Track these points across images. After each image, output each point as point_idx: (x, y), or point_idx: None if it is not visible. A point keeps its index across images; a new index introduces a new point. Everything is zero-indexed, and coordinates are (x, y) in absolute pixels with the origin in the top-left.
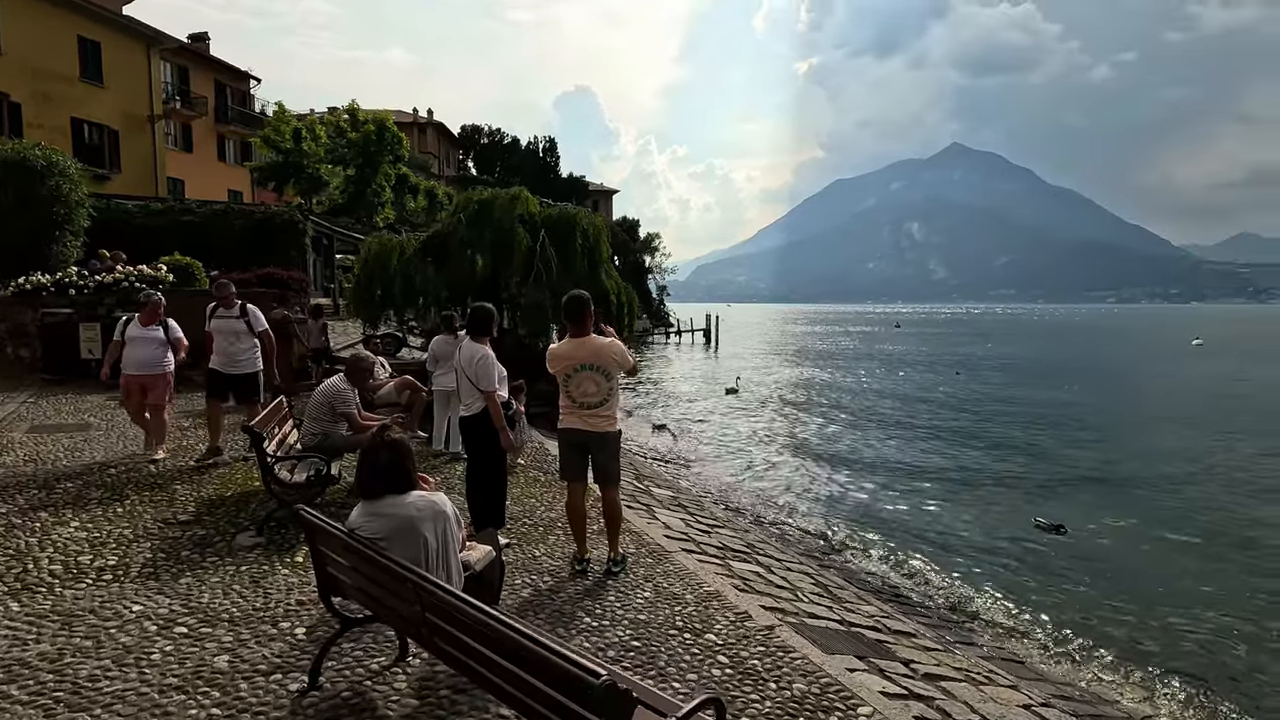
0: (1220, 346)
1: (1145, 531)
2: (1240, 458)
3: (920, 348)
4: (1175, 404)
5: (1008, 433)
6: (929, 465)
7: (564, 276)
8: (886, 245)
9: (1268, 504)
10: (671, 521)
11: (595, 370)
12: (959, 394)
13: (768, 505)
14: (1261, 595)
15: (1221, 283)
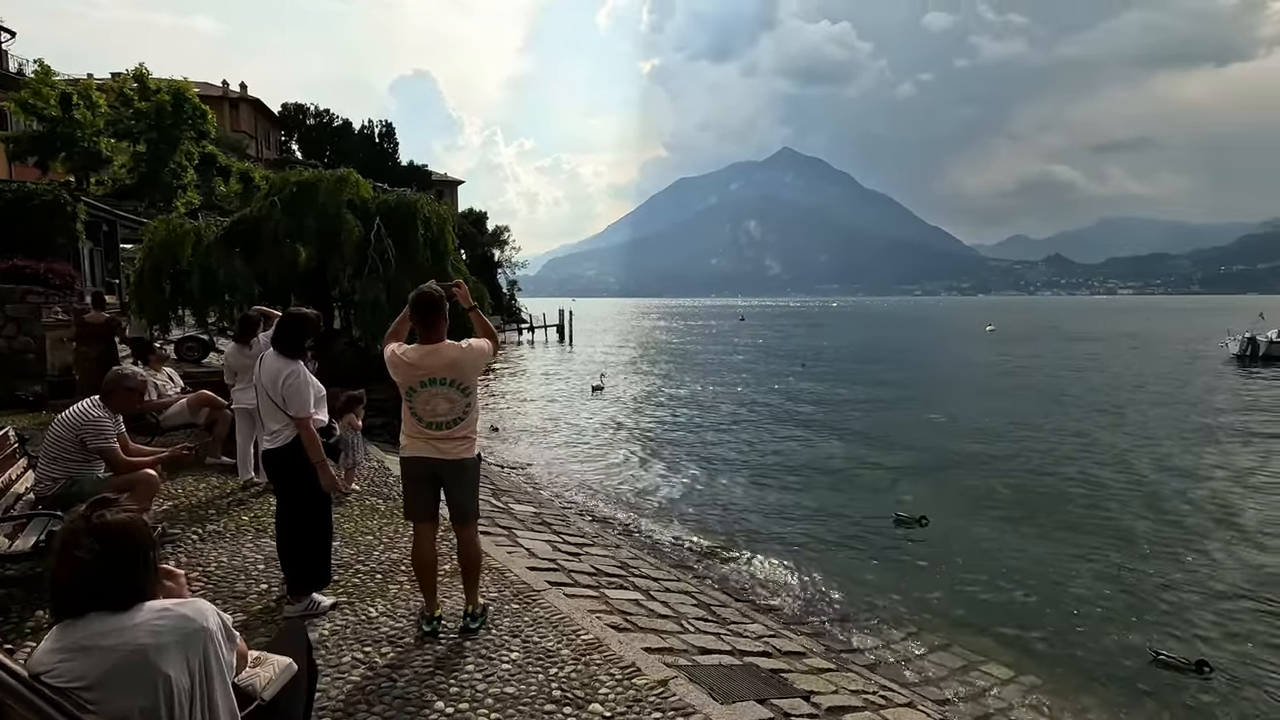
0: (1007, 332)
1: (993, 512)
2: (1050, 431)
3: (765, 340)
4: (987, 384)
5: (855, 422)
6: (791, 458)
7: (404, 269)
8: (727, 242)
9: (1087, 474)
10: (537, 546)
11: (449, 385)
12: (807, 385)
13: (636, 512)
14: (1098, 565)
15: (1001, 277)
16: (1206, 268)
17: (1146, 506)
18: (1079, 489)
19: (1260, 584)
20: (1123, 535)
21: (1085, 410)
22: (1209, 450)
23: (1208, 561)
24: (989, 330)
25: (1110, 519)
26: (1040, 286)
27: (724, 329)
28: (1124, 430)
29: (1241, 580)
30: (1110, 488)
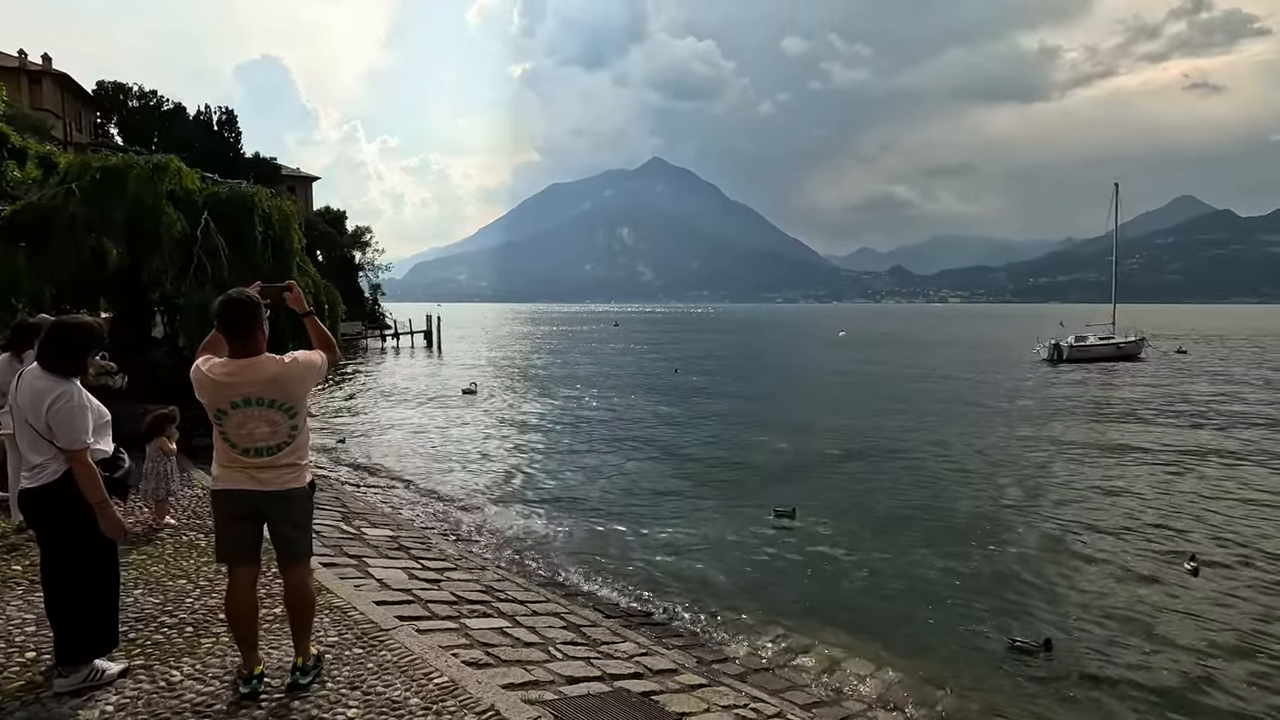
0: (857, 337)
1: (856, 507)
2: (900, 428)
3: (639, 345)
4: (842, 385)
5: (726, 423)
6: (666, 462)
7: (239, 270)
8: (601, 248)
9: (936, 468)
10: (391, 575)
11: (270, 406)
12: (679, 388)
13: (506, 528)
14: (956, 556)
15: (851, 286)
16: (1019, 279)
17: (989, 496)
18: (930, 481)
19: (1090, 559)
20: (971, 523)
21: (929, 408)
22: (1034, 441)
23: (1046, 542)
24: (841, 335)
25: (959, 509)
26: (885, 295)
27: (599, 334)
28: (963, 426)
29: (1075, 557)
30: (955, 479)
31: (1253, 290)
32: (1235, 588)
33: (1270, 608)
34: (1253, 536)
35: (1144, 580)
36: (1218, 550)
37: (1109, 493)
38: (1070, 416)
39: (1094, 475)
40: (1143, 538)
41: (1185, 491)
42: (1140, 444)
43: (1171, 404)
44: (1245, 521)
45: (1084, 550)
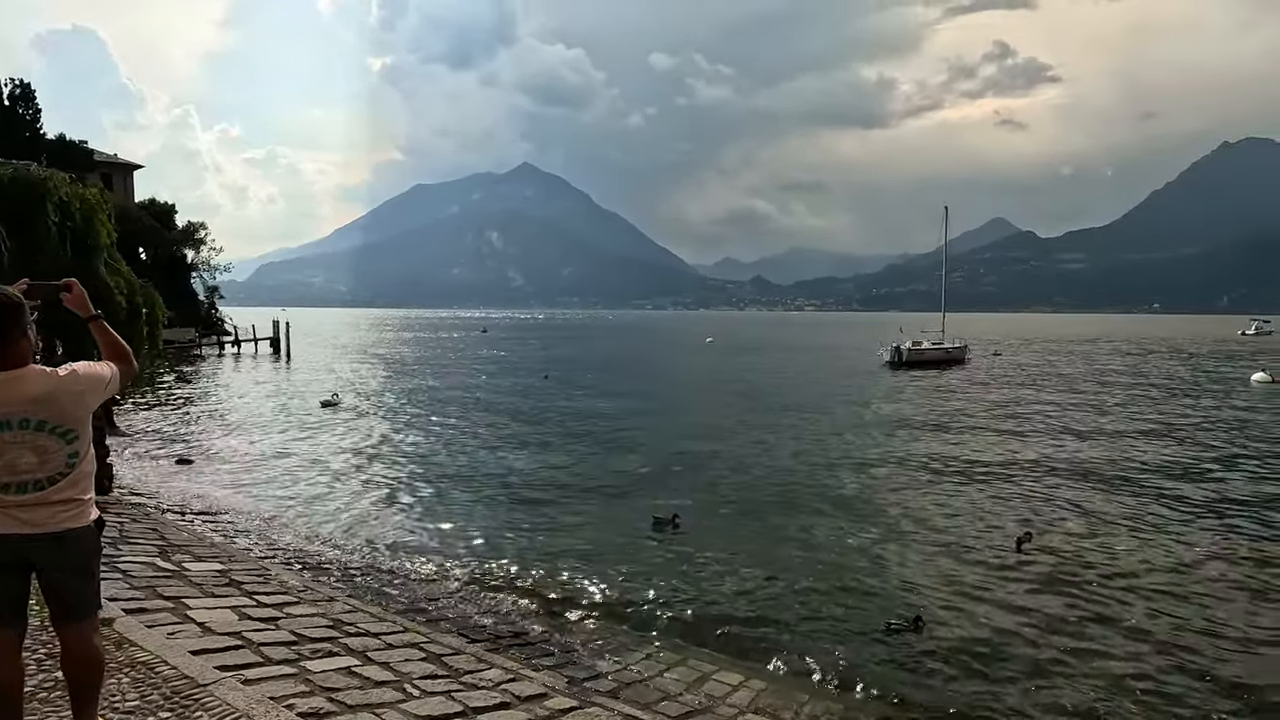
0: (723, 344)
1: (732, 509)
2: (766, 431)
3: (508, 351)
4: (711, 390)
5: (599, 430)
6: (538, 471)
7: (27, 265)
8: (470, 252)
9: (801, 467)
10: (216, 617)
11: (38, 429)
12: (550, 395)
13: (360, 552)
14: (834, 554)
15: (717, 294)
16: (864, 290)
17: (849, 492)
18: (794, 481)
19: (937, 542)
20: (834, 519)
21: (791, 411)
22: (883, 440)
23: (899, 530)
24: (708, 342)
25: (824, 507)
26: (748, 303)
27: (466, 340)
28: (822, 428)
29: (925, 541)
30: (818, 478)
31: (1049, 300)
32: (1055, 561)
33: (1088, 577)
34: (1065, 514)
35: (983, 556)
36: (1038, 525)
37: (947, 483)
38: (911, 416)
39: (934, 467)
40: (977, 519)
41: (1008, 476)
42: (967, 437)
43: (991, 400)
44: (1059, 500)
45: (931, 534)
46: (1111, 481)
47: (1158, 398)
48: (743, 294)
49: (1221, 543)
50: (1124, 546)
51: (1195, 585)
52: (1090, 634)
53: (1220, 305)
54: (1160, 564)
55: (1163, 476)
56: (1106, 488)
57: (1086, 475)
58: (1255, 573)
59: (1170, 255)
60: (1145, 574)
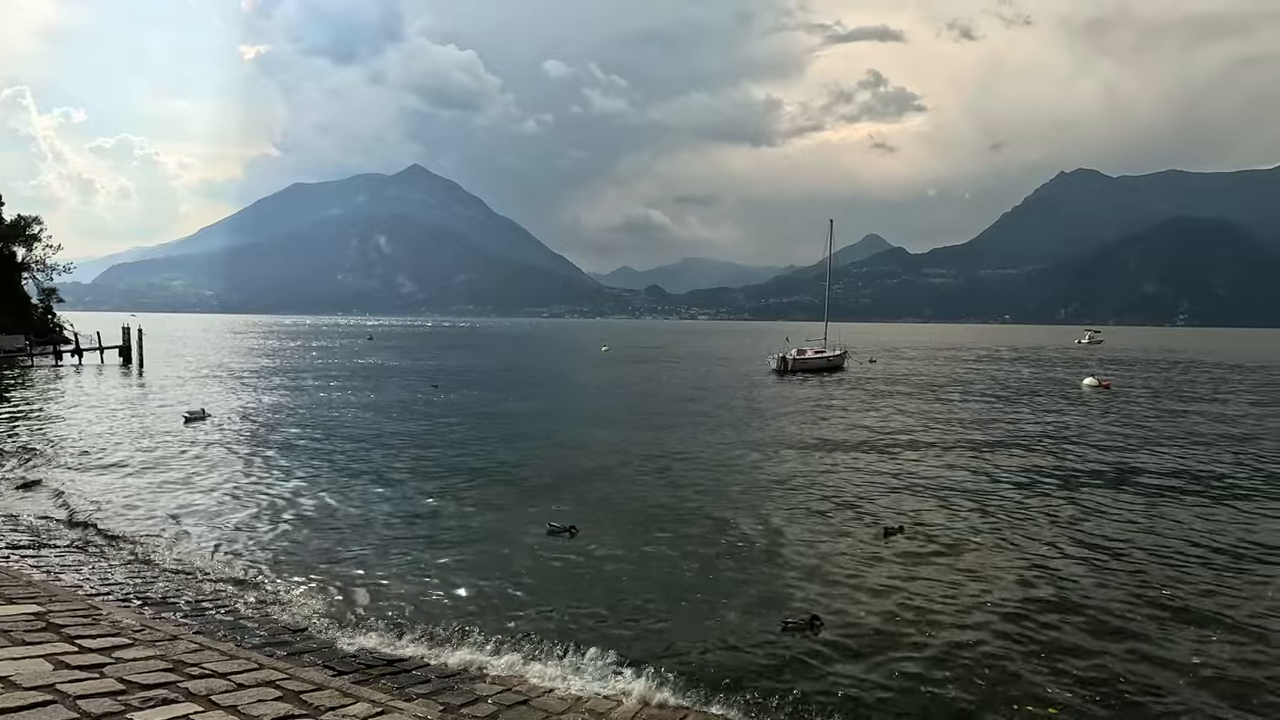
0: (619, 352)
1: (630, 517)
2: (661, 437)
3: (395, 361)
4: (607, 398)
5: (491, 441)
6: (422, 487)
7: None
8: (355, 257)
9: (696, 472)
10: (23, 669)
11: None
12: (440, 406)
13: (216, 579)
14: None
15: (614, 303)
16: (754, 299)
17: (741, 495)
18: (689, 486)
19: (822, 538)
20: (728, 522)
21: (685, 418)
22: (771, 443)
23: (788, 529)
24: (605, 350)
25: (717, 510)
26: (644, 312)
27: (351, 349)
28: (713, 434)
29: (812, 538)
30: (710, 483)
31: (917, 312)
32: (928, 551)
33: (957, 565)
34: (933, 505)
35: (868, 551)
36: (908, 519)
37: (828, 482)
38: (794, 421)
39: (817, 469)
40: (854, 514)
41: (883, 474)
42: (844, 439)
43: (866, 405)
44: (927, 492)
45: (817, 533)
46: (970, 473)
47: (1008, 399)
48: (639, 303)
49: (1065, 524)
50: (986, 534)
51: (1047, 567)
52: (968, 621)
53: (1059, 317)
54: (1018, 549)
55: (1013, 469)
56: (966, 479)
57: (950, 469)
58: (1091, 552)
59: (1019, 272)
60: (1005, 562)
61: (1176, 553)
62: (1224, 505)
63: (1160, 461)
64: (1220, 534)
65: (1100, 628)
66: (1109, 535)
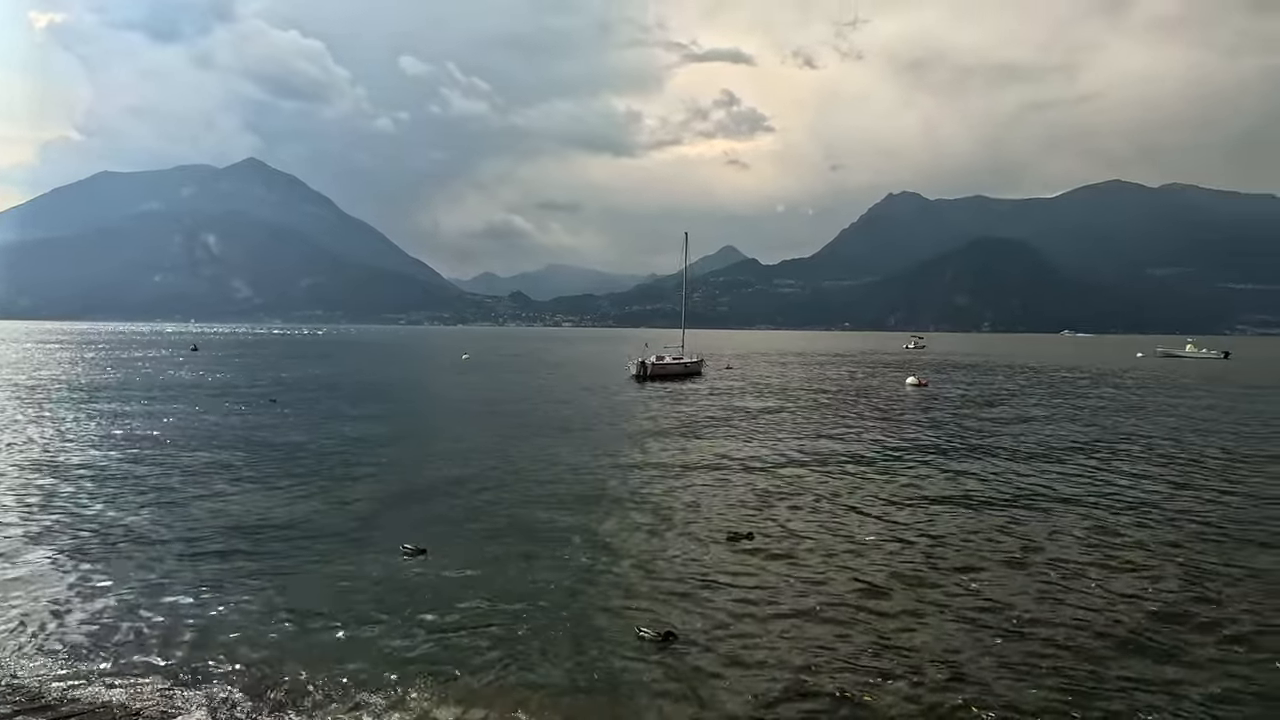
0: (481, 359)
1: (484, 535)
2: (519, 448)
3: (226, 373)
4: (465, 409)
5: (340, 457)
6: (260, 514)
7: None
8: (179, 256)
9: (554, 486)
10: None
11: None
12: (279, 424)
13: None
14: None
15: (476, 309)
16: (618, 306)
17: (597, 506)
18: (548, 499)
19: (675, 546)
20: (585, 535)
21: (546, 427)
22: (628, 451)
23: (655, 537)
24: (465, 358)
25: (574, 523)
26: (507, 318)
27: (172, 360)
28: (573, 444)
29: (680, 545)
30: (569, 495)
31: (770, 320)
32: (774, 553)
33: (800, 565)
34: (780, 507)
35: (714, 556)
36: (767, 525)
37: (683, 490)
38: (652, 428)
39: (672, 476)
40: (706, 521)
41: (736, 478)
42: (700, 444)
43: (722, 409)
44: (775, 494)
45: (670, 540)
46: (813, 470)
47: (847, 398)
48: (502, 309)
49: (897, 511)
50: (828, 533)
51: (894, 563)
52: (816, 630)
53: (889, 324)
54: (859, 544)
55: (850, 464)
56: (810, 478)
57: (797, 468)
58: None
59: (855, 283)
60: (851, 560)
61: (973, 515)
62: (1023, 482)
63: (965, 444)
64: (1019, 527)
65: (921, 610)
66: (934, 521)
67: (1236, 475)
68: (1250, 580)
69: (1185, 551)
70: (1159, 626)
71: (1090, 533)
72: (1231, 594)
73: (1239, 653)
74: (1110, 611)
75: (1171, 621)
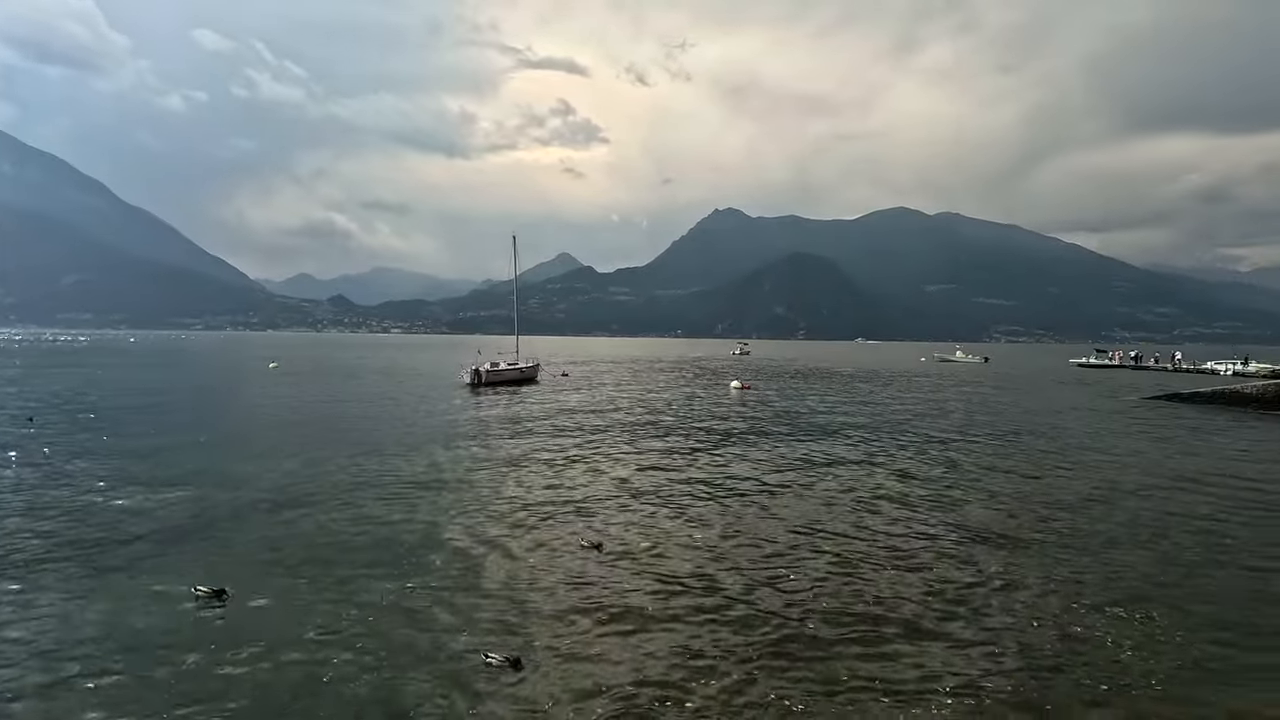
0: (293, 367)
1: (296, 563)
2: (341, 466)
3: None
4: (270, 425)
5: (106, 489)
6: (13, 540)
7: None
8: None
9: (375, 507)
10: None
11: None
12: (34, 448)
13: None
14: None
15: (290, 314)
16: (451, 312)
17: (431, 523)
18: (372, 520)
19: (523, 559)
20: (416, 556)
21: (368, 441)
22: (460, 463)
23: (496, 551)
24: (273, 367)
25: (402, 543)
26: (327, 324)
27: None
28: (401, 457)
29: (524, 559)
30: (397, 514)
31: (606, 327)
32: (628, 561)
33: (649, 571)
34: (624, 513)
35: (561, 569)
36: (611, 531)
37: (521, 500)
38: (486, 437)
39: (509, 488)
40: (550, 533)
41: (575, 486)
42: (538, 452)
43: (557, 416)
44: (618, 501)
45: (510, 557)
46: (651, 473)
47: (677, 403)
48: (321, 314)
49: (734, 510)
50: (667, 536)
51: (738, 561)
52: (665, 643)
53: (717, 331)
54: (702, 545)
55: (685, 464)
56: (649, 481)
57: (637, 471)
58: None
59: (686, 292)
60: (693, 561)
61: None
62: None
63: (783, 437)
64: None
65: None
66: (767, 514)
67: (994, 447)
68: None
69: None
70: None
71: (898, 508)
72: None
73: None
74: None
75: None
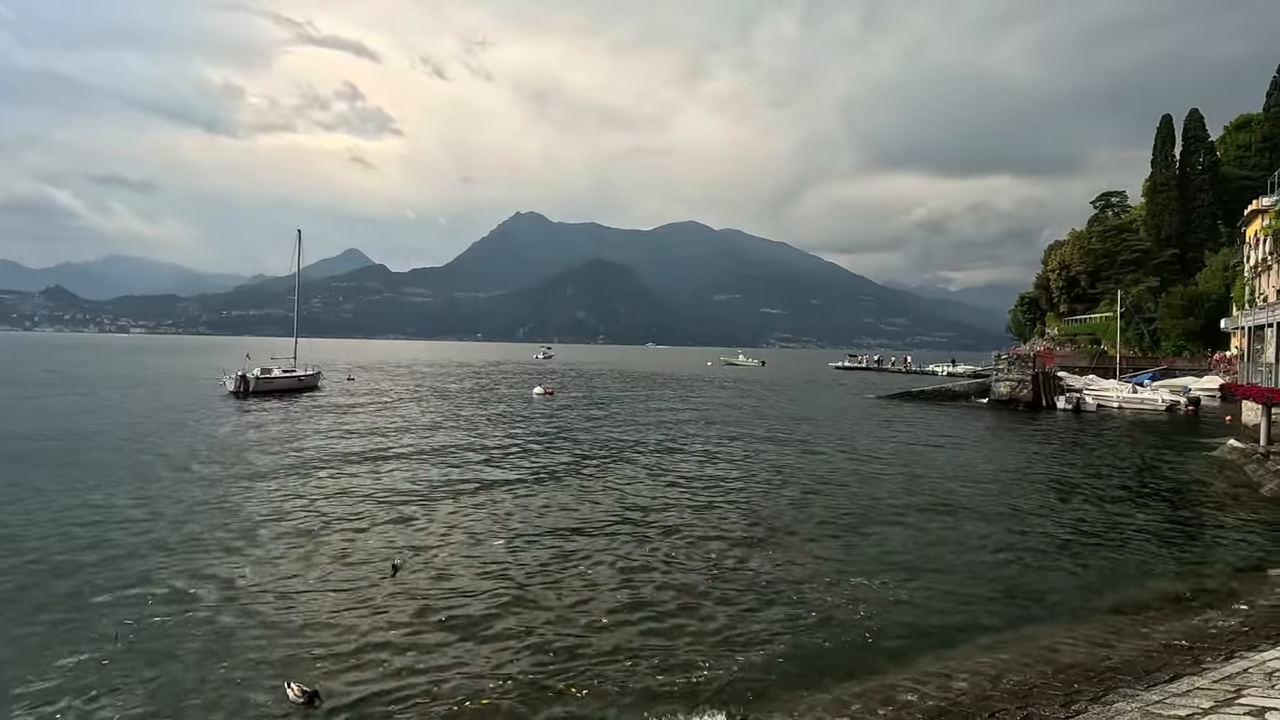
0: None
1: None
2: (68, 497)
3: None
4: None
5: None
6: None
7: None
8: None
9: (129, 542)
10: None
11: None
12: None
13: None
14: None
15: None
16: (212, 311)
17: (201, 546)
18: (105, 555)
19: (318, 583)
20: (186, 587)
21: (93, 466)
22: (220, 485)
23: (280, 579)
24: None
25: (166, 573)
26: (40, 322)
27: None
28: (146, 481)
29: (312, 584)
30: (153, 539)
31: (400, 329)
32: (427, 582)
33: (453, 589)
34: (424, 530)
35: (367, 593)
36: (408, 550)
37: (305, 517)
38: (259, 450)
39: (291, 504)
40: (346, 555)
41: (365, 501)
42: (324, 466)
43: (345, 428)
44: (416, 517)
45: (301, 579)
46: (449, 490)
47: (480, 408)
48: (31, 309)
49: (544, 517)
50: (465, 550)
51: (541, 568)
52: (481, 649)
53: (519, 335)
54: (508, 561)
55: (490, 472)
56: (446, 495)
57: (436, 483)
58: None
59: (488, 295)
60: (491, 574)
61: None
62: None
63: (585, 442)
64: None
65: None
66: (566, 515)
67: (723, 432)
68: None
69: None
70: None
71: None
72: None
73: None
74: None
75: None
